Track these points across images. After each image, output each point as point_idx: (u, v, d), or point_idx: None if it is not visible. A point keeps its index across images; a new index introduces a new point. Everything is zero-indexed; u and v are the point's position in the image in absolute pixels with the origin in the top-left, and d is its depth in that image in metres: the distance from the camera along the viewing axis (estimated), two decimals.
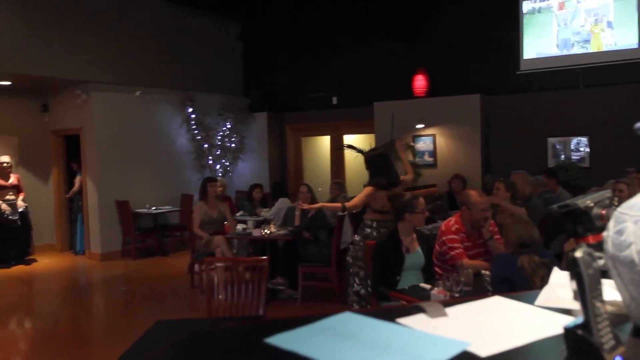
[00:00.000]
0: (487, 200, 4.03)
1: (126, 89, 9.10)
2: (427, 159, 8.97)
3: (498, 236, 4.12)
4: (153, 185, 9.43)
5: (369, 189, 4.82)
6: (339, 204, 5.31)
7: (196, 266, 6.85)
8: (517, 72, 8.46)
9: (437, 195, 7.68)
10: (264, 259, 3.41)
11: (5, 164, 8.50)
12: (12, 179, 8.59)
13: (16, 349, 5.21)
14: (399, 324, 1.12)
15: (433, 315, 1.17)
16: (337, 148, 9.94)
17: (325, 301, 6.07)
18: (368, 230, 4.87)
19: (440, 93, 8.94)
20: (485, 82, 8.72)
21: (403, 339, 1.02)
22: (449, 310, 1.21)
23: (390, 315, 1.17)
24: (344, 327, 1.08)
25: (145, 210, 8.98)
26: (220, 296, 3.33)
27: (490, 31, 8.71)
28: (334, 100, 10.18)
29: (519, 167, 6.36)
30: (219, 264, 3.35)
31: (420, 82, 9.12)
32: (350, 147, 9.09)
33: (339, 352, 0.96)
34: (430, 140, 8.95)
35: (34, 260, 8.89)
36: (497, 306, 1.26)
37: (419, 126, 8.98)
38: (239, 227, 6.90)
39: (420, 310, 1.19)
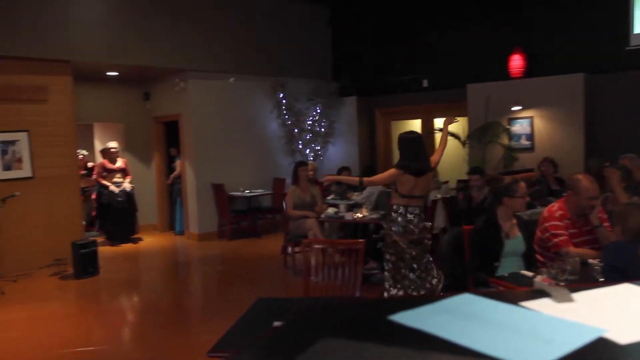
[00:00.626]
0: (597, 187, 3.78)
1: (221, 76, 9.42)
2: (524, 142, 8.56)
3: (607, 224, 3.87)
4: (247, 169, 9.74)
5: (393, 170, 4.66)
6: (356, 177, 5.24)
7: (289, 248, 7.02)
8: (627, 49, 7.82)
9: (535, 179, 7.34)
10: (361, 241, 3.43)
11: (113, 149, 9.13)
12: (120, 163, 9.21)
13: (125, 320, 5.62)
14: (524, 307, 1.08)
15: (559, 300, 1.11)
16: (428, 132, 9.74)
17: None
18: (394, 215, 4.70)
19: (538, 73, 8.48)
20: (589, 60, 8.15)
21: (532, 322, 0.99)
22: (574, 295, 1.16)
23: (513, 298, 1.14)
24: (467, 307, 1.06)
25: (239, 193, 9.30)
26: (315, 277, 3.39)
27: (595, 4, 8.11)
28: (425, 83, 9.96)
29: (627, 151, 5.92)
30: (316, 246, 3.41)
31: (516, 62, 8.69)
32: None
33: (466, 331, 0.94)
34: (528, 122, 8.53)
35: (140, 239, 9.52)
36: (629, 294, 1.18)
37: (515, 108, 8.58)
38: (330, 210, 6.98)
39: (544, 294, 1.14)
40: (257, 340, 0.90)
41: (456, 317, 1.01)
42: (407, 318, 0.99)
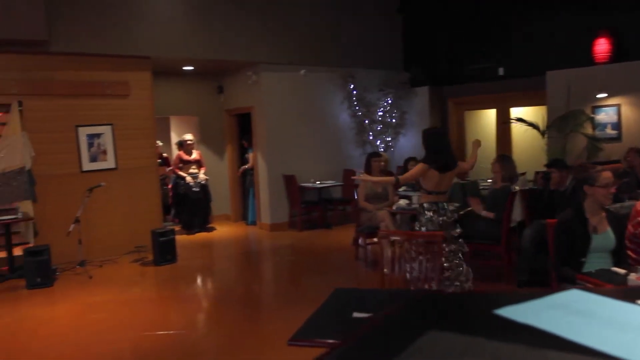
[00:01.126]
0: None
1: (292, 68, 9.50)
2: (610, 131, 8.08)
3: None
4: (317, 161, 9.79)
5: (422, 165, 4.66)
6: (391, 177, 5.16)
7: (360, 239, 7.00)
8: None
9: (622, 171, 6.90)
10: (439, 234, 3.34)
11: (189, 141, 9.44)
12: (195, 155, 9.51)
13: (201, 306, 5.80)
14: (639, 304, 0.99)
15: None
16: (504, 122, 9.39)
17: (492, 280, 5.84)
18: (429, 214, 4.66)
19: (626, 57, 7.96)
20: None
21: None
22: None
23: (626, 295, 1.05)
24: (577, 303, 0.98)
25: (310, 185, 9.37)
26: (393, 269, 3.34)
27: None
28: (501, 71, 9.59)
29: None
30: (393, 237, 3.36)
31: (602, 46, 8.19)
32: (520, 120, 8.56)
33: (578, 328, 0.87)
34: (614, 110, 8.04)
35: (213, 229, 9.81)
36: None
37: (600, 95, 8.11)
38: (401, 202, 6.89)
39: None
40: (358, 330, 0.87)
41: (567, 313, 0.94)
42: (515, 313, 0.93)
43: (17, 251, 6.88)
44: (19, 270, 6.69)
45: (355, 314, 2.43)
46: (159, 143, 10.83)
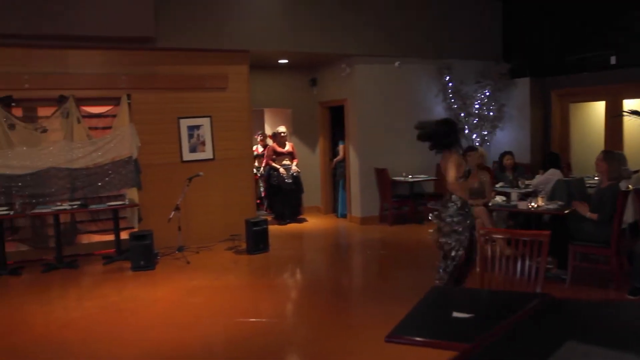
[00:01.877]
0: None
1: (386, 60, 9.37)
2: None
3: None
4: (409, 154, 9.59)
5: (454, 156, 4.78)
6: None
7: None
8: None
9: None
10: (546, 233, 3.13)
11: (282, 134, 9.61)
12: (288, 147, 9.66)
13: (291, 296, 5.88)
14: None
15: None
16: (615, 115, 8.69)
17: (597, 285, 5.44)
18: (451, 204, 4.70)
19: None
20: None
21: None
22: None
23: None
24: None
25: (402, 179, 9.21)
26: (492, 268, 3.17)
27: None
28: (613, 60, 8.87)
29: None
30: (497, 236, 3.19)
31: None
32: (635, 112, 7.88)
33: None
34: None
35: (304, 220, 9.93)
36: None
37: None
38: (497, 198, 6.58)
39: None
40: (488, 335, 0.80)
41: None
42: None
43: (123, 235, 7.34)
44: (125, 253, 7.14)
45: (455, 314, 2.33)
46: (266, 133, 11.14)
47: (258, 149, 10.60)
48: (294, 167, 9.63)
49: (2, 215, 6.70)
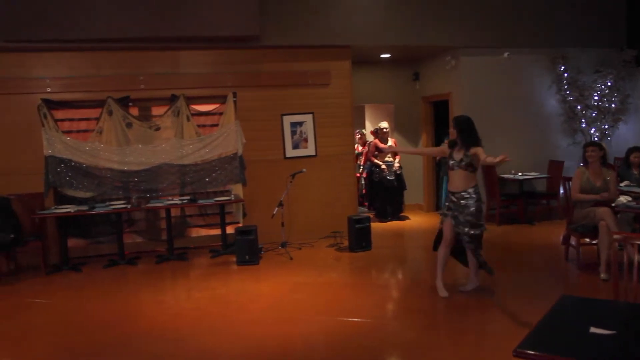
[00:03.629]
0: None
1: (494, 51, 8.89)
2: None
3: None
4: (519, 150, 9.04)
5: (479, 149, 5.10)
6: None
7: (572, 238, 6.27)
8: None
9: None
10: None
11: (385, 129, 9.43)
12: (390, 143, 9.47)
13: (393, 295, 5.69)
14: None
15: None
16: None
17: None
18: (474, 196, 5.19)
19: None
20: None
21: None
22: None
23: None
24: None
25: (510, 176, 8.70)
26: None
27: None
28: None
29: None
30: (634, 241, 2.82)
31: None
32: None
33: None
34: None
35: (406, 217, 9.70)
36: None
37: None
38: (622, 198, 5.97)
39: None
40: None
41: None
42: None
43: (229, 230, 7.55)
44: (231, 247, 7.34)
45: (593, 329, 2.06)
46: (364, 131, 11.06)
47: (358, 147, 10.49)
48: (396, 164, 9.43)
49: (120, 209, 7.14)
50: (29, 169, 7.24)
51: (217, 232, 7.71)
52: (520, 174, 8.74)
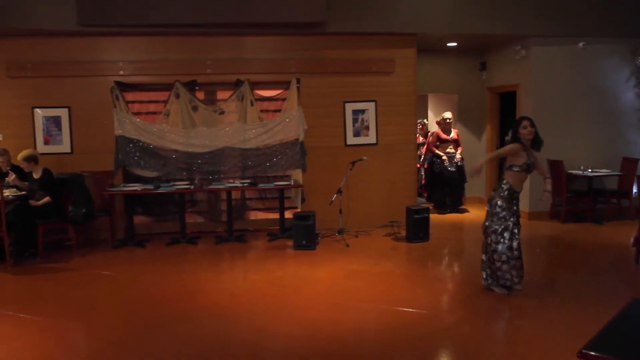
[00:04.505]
0: None
1: (567, 41, 8.49)
2: None
3: None
4: (589, 146, 8.66)
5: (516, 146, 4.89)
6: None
7: None
8: None
9: None
10: None
11: (448, 120, 9.24)
12: (453, 134, 9.28)
13: (448, 288, 5.58)
14: None
15: None
16: None
17: None
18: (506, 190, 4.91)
19: None
20: None
21: None
22: None
23: None
24: None
25: (579, 172, 8.33)
26: None
27: None
28: None
29: None
30: None
31: None
32: None
33: None
34: None
35: (466, 210, 9.50)
36: None
37: None
38: None
39: None
40: None
41: None
42: None
43: (287, 214, 7.64)
44: (288, 231, 7.43)
45: None
46: (425, 121, 10.89)
47: (419, 138, 10.33)
48: (457, 156, 9.23)
49: (184, 189, 7.37)
50: (101, 148, 7.60)
51: (275, 216, 7.82)
52: (589, 170, 8.35)
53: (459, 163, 9.21)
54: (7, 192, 6.48)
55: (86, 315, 4.85)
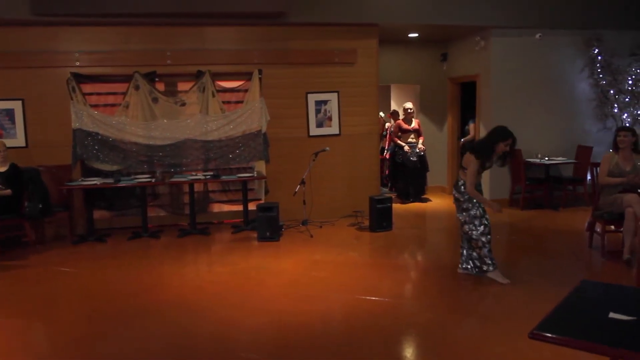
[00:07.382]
0: None
1: (525, 32, 8.68)
2: None
3: None
4: (546, 135, 8.90)
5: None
6: None
7: (597, 225, 6.16)
8: None
9: None
10: None
11: (409, 110, 9.34)
12: (414, 124, 9.38)
13: (412, 276, 5.68)
14: None
15: None
16: None
17: None
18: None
19: None
20: None
21: None
22: None
23: None
24: None
25: (536, 160, 8.56)
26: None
27: None
28: None
29: None
30: None
31: None
32: None
33: None
34: None
35: (428, 200, 9.65)
36: None
37: None
38: None
39: None
40: None
41: None
42: None
43: (251, 206, 7.61)
44: (252, 223, 7.41)
45: (612, 315, 2.04)
46: (382, 115, 10.97)
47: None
48: (420, 145, 9.34)
49: (145, 183, 7.25)
50: (58, 142, 7.39)
51: (239, 208, 7.79)
52: (546, 158, 8.59)
53: (421, 153, 9.33)
54: None
55: (47, 313, 4.73)
